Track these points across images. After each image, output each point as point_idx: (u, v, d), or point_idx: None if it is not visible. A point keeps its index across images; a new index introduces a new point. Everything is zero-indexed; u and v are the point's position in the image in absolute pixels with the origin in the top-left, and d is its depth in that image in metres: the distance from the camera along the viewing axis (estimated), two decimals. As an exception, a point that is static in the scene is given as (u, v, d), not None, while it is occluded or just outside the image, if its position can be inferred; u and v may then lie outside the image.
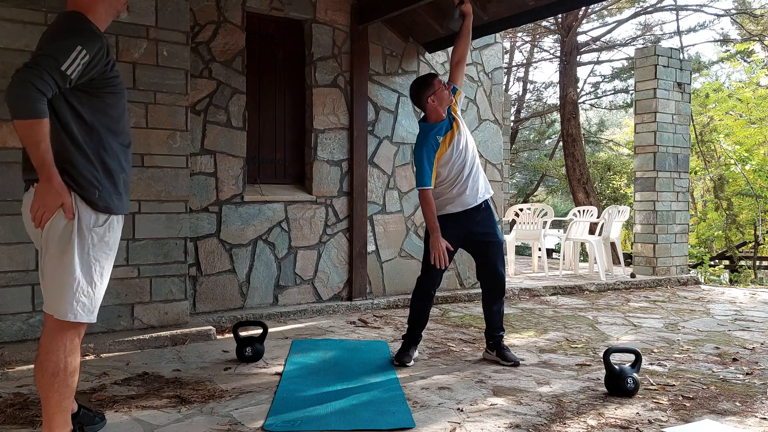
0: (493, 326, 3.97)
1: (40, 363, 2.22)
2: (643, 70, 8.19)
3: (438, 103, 3.81)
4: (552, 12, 5.57)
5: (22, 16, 4.01)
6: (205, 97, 5.07)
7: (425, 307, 3.97)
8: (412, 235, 6.20)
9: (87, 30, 2.20)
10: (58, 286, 2.19)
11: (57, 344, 2.22)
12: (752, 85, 15.27)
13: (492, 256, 3.92)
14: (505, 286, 3.98)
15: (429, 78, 3.87)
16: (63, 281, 2.19)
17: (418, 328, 3.99)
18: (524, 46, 18.73)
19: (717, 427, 2.77)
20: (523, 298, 6.63)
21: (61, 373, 2.21)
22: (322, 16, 5.66)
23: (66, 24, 2.21)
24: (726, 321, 5.46)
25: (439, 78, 3.87)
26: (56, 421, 2.23)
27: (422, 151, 3.75)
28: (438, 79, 3.85)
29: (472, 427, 2.78)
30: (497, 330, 3.96)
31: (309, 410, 2.98)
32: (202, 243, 5.06)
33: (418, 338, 4.02)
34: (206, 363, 3.86)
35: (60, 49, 2.09)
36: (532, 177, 20.69)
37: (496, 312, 3.97)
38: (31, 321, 4.06)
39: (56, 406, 2.22)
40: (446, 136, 3.80)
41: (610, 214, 8.16)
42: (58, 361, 2.21)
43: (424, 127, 3.86)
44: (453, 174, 3.82)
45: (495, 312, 3.97)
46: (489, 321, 3.98)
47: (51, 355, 2.21)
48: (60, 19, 2.26)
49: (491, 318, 3.97)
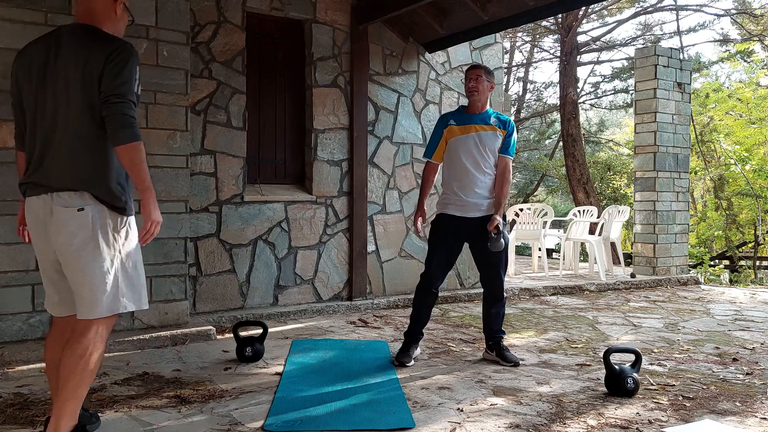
0: (491, 328, 3.97)
1: (71, 344, 2.30)
2: (643, 70, 8.19)
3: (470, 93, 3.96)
4: (552, 12, 5.57)
5: (22, 16, 4.01)
6: (205, 97, 5.07)
7: (423, 302, 3.97)
8: (412, 235, 6.20)
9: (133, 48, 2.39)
10: (100, 287, 2.32)
11: (90, 330, 2.33)
12: (752, 85, 15.27)
13: (491, 264, 3.93)
14: (503, 291, 3.97)
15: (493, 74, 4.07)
16: (107, 282, 2.32)
17: (418, 325, 3.99)
18: (524, 46, 18.73)
19: (717, 427, 2.77)
20: (523, 298, 6.63)
21: (87, 357, 2.29)
22: (322, 16, 5.66)
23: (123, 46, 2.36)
24: (726, 321, 5.46)
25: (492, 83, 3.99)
26: (67, 408, 2.28)
27: (435, 124, 4.09)
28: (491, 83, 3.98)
29: (472, 427, 2.78)
30: (496, 332, 3.97)
31: (309, 410, 2.98)
32: (202, 243, 5.06)
33: (419, 336, 4.01)
34: (206, 363, 3.86)
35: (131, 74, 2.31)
36: (532, 177, 20.68)
37: (495, 315, 3.97)
38: (31, 321, 4.06)
39: (72, 392, 2.28)
40: (463, 126, 3.93)
41: (610, 214, 8.16)
42: (88, 344, 2.31)
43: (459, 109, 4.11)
44: (455, 169, 3.92)
45: (493, 314, 3.97)
46: (486, 323, 4.00)
47: (83, 339, 2.31)
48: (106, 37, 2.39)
49: (488, 320, 3.99)
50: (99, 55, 2.30)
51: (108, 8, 2.45)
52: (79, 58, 2.31)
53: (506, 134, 3.91)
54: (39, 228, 2.38)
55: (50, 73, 2.35)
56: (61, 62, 2.34)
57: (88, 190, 2.31)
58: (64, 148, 2.33)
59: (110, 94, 2.27)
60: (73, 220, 2.30)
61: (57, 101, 2.34)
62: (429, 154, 4.04)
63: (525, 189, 20.76)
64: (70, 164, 2.32)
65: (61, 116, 2.33)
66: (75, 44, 2.35)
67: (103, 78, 2.28)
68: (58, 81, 2.34)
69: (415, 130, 6.22)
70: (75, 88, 2.31)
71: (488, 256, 3.89)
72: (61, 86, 2.33)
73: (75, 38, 2.37)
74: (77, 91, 2.31)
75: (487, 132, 3.89)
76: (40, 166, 2.35)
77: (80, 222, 2.30)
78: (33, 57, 2.40)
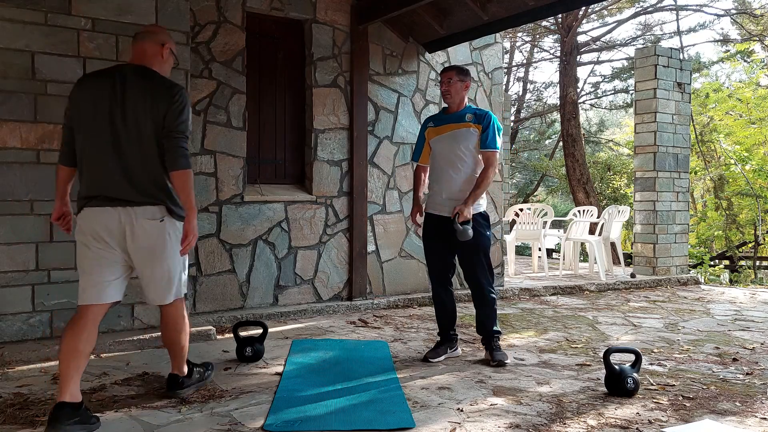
0: (483, 328, 3.96)
1: (166, 324, 3.10)
2: (643, 70, 8.19)
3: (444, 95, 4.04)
4: (552, 12, 5.57)
5: (22, 16, 4.01)
6: (205, 97, 5.07)
7: (435, 301, 4.09)
8: (412, 235, 6.20)
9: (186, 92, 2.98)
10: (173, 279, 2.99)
11: (177, 311, 3.08)
12: (752, 85, 15.28)
13: (468, 262, 3.93)
14: (484, 291, 3.92)
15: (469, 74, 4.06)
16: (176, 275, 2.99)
17: (441, 326, 4.08)
18: (524, 46, 18.75)
19: (717, 427, 2.77)
20: (523, 298, 6.63)
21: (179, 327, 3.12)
22: (322, 16, 5.66)
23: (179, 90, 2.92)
24: (726, 321, 5.46)
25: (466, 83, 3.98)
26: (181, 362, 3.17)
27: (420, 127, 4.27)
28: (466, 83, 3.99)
29: (472, 427, 2.78)
30: (489, 331, 3.94)
31: (309, 410, 2.98)
32: (202, 243, 5.06)
33: (446, 337, 4.07)
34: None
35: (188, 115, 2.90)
36: (532, 177, 20.69)
37: (483, 316, 3.95)
38: (31, 321, 4.06)
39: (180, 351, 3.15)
40: (439, 127, 4.01)
41: (610, 214, 8.16)
42: (177, 318, 3.10)
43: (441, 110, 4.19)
44: (434, 169, 4.04)
45: (481, 315, 3.97)
46: (477, 322, 4.03)
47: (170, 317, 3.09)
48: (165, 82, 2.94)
49: (477, 319, 4.01)
50: (164, 98, 2.84)
51: (156, 52, 3.00)
52: (146, 97, 2.83)
53: (482, 129, 3.88)
54: (105, 234, 2.83)
55: (118, 106, 2.84)
56: (129, 100, 2.83)
57: (165, 204, 2.88)
58: (140, 170, 2.84)
59: (172, 130, 2.84)
60: (155, 229, 2.86)
61: (127, 131, 2.83)
62: (416, 157, 4.19)
63: (525, 189, 20.77)
64: (149, 184, 2.85)
65: (133, 143, 2.83)
66: (140, 84, 2.87)
67: (166, 117, 2.83)
68: (126, 115, 2.83)
69: (415, 130, 6.22)
70: (144, 123, 2.82)
71: (467, 256, 3.91)
72: (130, 119, 2.82)
73: (138, 79, 2.89)
74: (147, 125, 2.83)
75: (460, 130, 3.92)
76: (111, 183, 2.83)
77: (160, 230, 2.87)
78: (97, 89, 2.88)
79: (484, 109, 4.00)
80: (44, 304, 4.10)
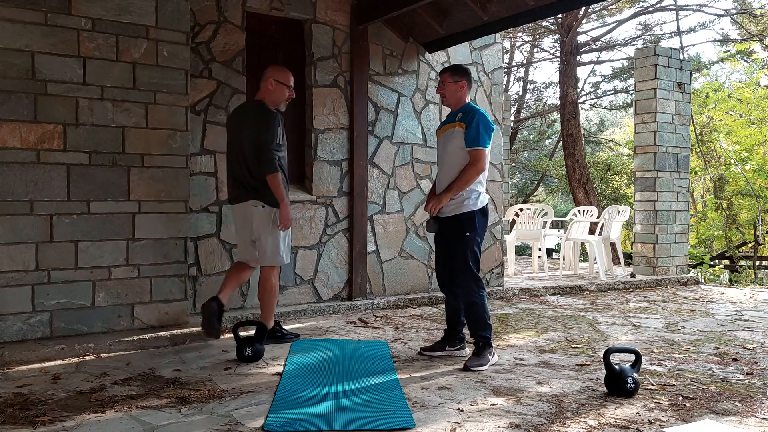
0: (470, 329, 3.92)
1: (261, 282, 4.27)
2: (643, 70, 8.19)
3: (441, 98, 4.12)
4: (552, 12, 5.56)
5: (22, 16, 4.01)
6: (205, 97, 5.07)
7: (446, 301, 4.15)
8: (412, 235, 6.20)
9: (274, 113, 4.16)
10: (276, 249, 4.17)
11: (271, 273, 4.23)
12: (752, 85, 15.29)
13: (453, 262, 3.94)
14: (465, 291, 3.87)
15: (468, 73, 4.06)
16: (278, 246, 4.17)
17: (448, 324, 4.14)
18: (524, 46, 18.74)
19: (717, 427, 2.77)
20: (523, 298, 6.63)
21: (270, 286, 4.25)
22: (322, 16, 5.66)
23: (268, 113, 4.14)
24: (726, 321, 5.46)
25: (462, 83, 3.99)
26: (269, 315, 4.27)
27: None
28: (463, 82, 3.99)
29: (472, 427, 2.78)
30: (473, 335, 3.88)
31: (309, 410, 2.98)
32: (202, 243, 5.06)
33: (451, 333, 4.11)
34: (206, 363, 3.86)
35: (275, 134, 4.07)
36: (532, 177, 20.69)
37: (467, 318, 3.92)
38: (31, 321, 4.06)
39: (268, 305, 4.26)
40: (441, 128, 4.09)
41: (610, 214, 8.16)
42: (269, 279, 4.24)
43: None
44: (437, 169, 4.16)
45: (467, 317, 3.93)
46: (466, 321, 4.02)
47: (269, 281, 4.24)
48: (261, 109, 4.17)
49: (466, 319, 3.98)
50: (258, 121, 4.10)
51: (265, 85, 4.22)
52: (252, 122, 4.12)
53: (465, 127, 3.84)
54: (241, 220, 4.26)
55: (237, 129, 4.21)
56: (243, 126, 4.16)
57: (263, 199, 4.10)
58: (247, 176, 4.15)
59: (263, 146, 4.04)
60: (259, 214, 4.13)
61: (242, 148, 4.14)
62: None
63: (525, 189, 20.77)
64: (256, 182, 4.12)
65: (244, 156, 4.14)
66: (248, 113, 4.20)
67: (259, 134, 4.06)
68: (242, 136, 4.14)
69: (415, 130, 6.23)
70: (250, 140, 4.10)
71: (453, 255, 3.92)
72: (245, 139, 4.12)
73: (249, 109, 4.25)
74: (251, 142, 4.09)
75: (449, 131, 3.96)
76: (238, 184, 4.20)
77: (262, 214, 4.13)
78: (234, 117, 4.33)
79: (474, 108, 3.93)
80: (44, 304, 4.10)
